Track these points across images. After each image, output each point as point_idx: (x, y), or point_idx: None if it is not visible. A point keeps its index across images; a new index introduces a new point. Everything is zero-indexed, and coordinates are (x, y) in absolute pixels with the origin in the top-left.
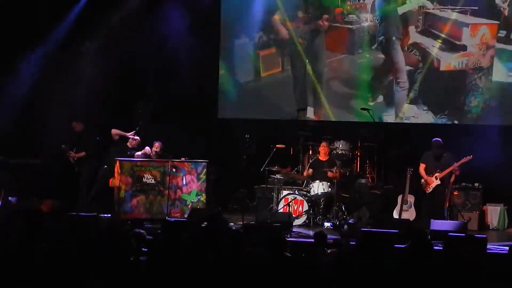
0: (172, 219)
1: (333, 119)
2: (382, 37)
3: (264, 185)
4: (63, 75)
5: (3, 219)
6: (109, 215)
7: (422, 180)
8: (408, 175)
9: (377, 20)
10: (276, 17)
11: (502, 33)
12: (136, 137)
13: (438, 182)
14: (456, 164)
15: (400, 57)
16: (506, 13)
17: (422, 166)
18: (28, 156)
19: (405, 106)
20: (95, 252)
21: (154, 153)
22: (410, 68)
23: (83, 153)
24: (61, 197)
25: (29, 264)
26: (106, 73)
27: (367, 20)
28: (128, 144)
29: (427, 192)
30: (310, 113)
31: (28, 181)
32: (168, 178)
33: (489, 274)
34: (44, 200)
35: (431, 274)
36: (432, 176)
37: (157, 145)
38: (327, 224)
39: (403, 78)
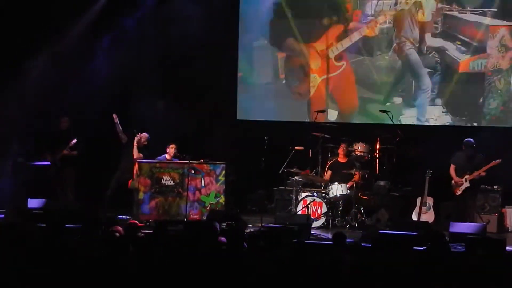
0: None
1: (352, 121)
2: (396, 41)
3: (283, 187)
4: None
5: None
6: (128, 217)
7: (452, 182)
8: (427, 177)
9: (391, 23)
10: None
11: None
12: (144, 133)
13: (468, 184)
14: (485, 167)
15: (415, 60)
16: None
17: (452, 167)
18: (43, 157)
19: (428, 108)
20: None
21: (172, 155)
22: (429, 70)
23: (75, 152)
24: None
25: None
26: (123, 74)
27: (385, 22)
28: (136, 143)
29: (456, 194)
30: (331, 116)
31: (46, 183)
32: (187, 179)
33: (508, 277)
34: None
35: (450, 276)
36: (462, 178)
37: (173, 146)
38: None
39: (423, 81)
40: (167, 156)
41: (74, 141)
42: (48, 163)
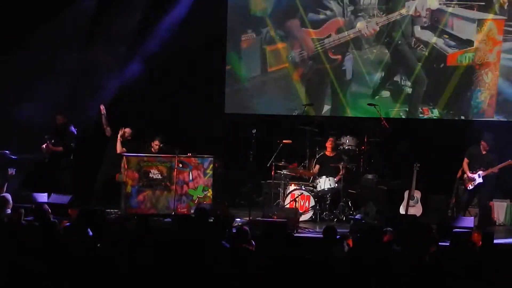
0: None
1: (340, 115)
2: (385, 35)
3: (271, 181)
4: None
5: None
6: (115, 210)
7: (464, 176)
8: (415, 171)
9: (383, 15)
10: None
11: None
12: (127, 128)
13: (481, 180)
14: (499, 166)
15: (403, 54)
16: (506, 6)
17: (465, 161)
18: (31, 151)
19: (416, 102)
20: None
21: (156, 151)
22: (417, 63)
23: (60, 148)
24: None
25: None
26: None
27: (374, 15)
28: (119, 137)
29: (468, 188)
30: (320, 109)
31: (32, 176)
32: (174, 173)
33: (495, 270)
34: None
35: (438, 269)
36: (475, 174)
37: (157, 143)
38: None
39: (411, 75)
40: (152, 150)
41: (46, 137)
42: (42, 156)
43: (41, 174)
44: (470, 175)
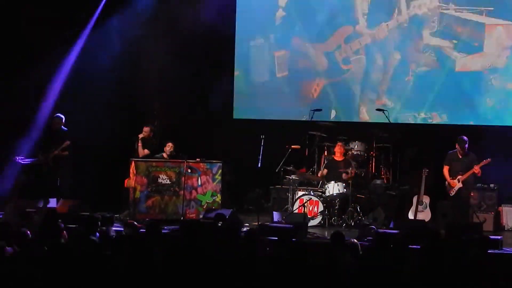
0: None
1: (349, 120)
2: (396, 40)
3: (280, 186)
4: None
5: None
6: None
7: (446, 183)
8: (423, 176)
9: (392, 21)
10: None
11: None
12: (144, 127)
13: (461, 185)
14: (476, 167)
15: (412, 59)
16: None
17: (446, 168)
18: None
19: (424, 107)
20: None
21: (169, 153)
22: (426, 69)
23: (66, 152)
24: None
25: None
26: (118, 75)
27: (383, 21)
28: (140, 140)
29: (450, 194)
30: (328, 114)
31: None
32: (183, 178)
33: (504, 275)
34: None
35: (445, 275)
36: (455, 179)
37: (170, 145)
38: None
39: (420, 80)
40: (164, 154)
41: (67, 142)
42: (39, 162)
43: (44, 179)
44: (450, 181)
